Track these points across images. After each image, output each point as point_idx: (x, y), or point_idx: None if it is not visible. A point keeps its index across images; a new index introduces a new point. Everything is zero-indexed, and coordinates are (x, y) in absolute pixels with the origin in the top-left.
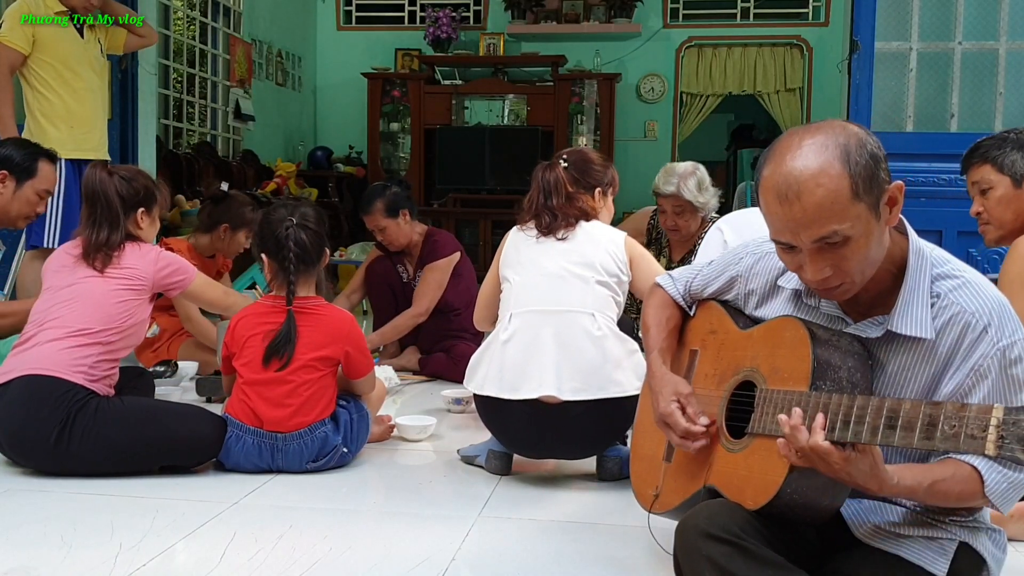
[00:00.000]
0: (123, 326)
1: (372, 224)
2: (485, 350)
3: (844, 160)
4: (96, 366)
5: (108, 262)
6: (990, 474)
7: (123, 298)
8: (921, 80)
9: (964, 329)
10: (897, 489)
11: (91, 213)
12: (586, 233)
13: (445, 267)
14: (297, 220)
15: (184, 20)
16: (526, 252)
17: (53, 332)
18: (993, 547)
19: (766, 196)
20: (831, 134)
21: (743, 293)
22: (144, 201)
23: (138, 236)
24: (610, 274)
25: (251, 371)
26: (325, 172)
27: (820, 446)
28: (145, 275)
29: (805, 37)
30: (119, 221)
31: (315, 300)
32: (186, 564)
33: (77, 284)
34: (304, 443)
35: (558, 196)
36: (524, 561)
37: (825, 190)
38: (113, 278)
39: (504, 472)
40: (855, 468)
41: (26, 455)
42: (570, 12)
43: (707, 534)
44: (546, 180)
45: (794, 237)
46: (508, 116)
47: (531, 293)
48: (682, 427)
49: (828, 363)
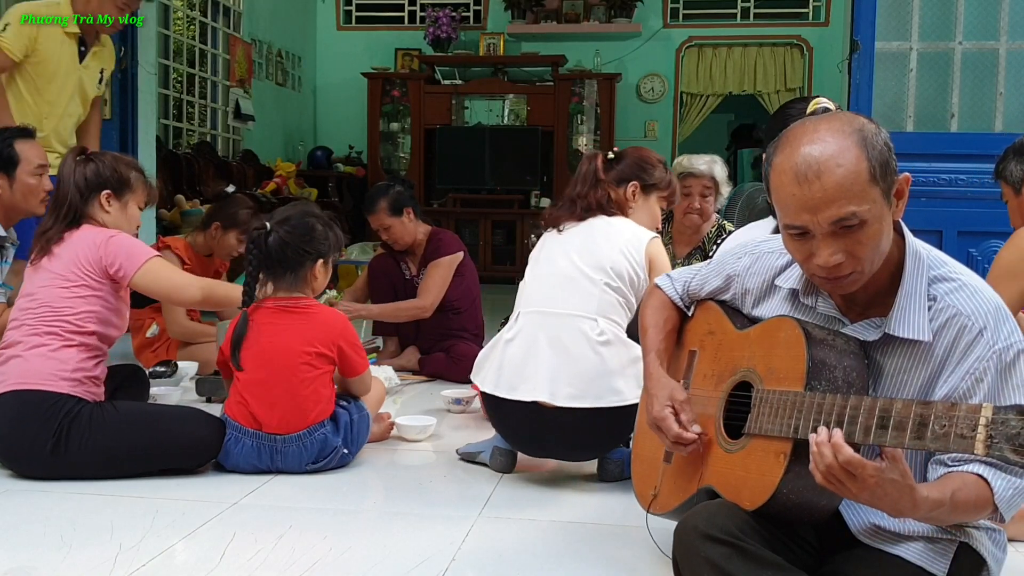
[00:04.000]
0: (87, 324)
1: (376, 223)
2: (492, 347)
3: (862, 144)
4: (78, 368)
5: (46, 252)
6: (996, 480)
7: (79, 294)
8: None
9: (960, 332)
10: (927, 504)
11: (53, 198)
12: (605, 230)
13: (449, 264)
14: (272, 225)
15: (184, 20)
16: (547, 248)
17: (29, 340)
18: (993, 547)
19: (781, 178)
20: (846, 120)
21: (740, 292)
22: (111, 184)
23: (104, 222)
24: (620, 277)
25: (247, 369)
26: (325, 172)
27: (853, 459)
28: (91, 263)
29: (805, 37)
30: (67, 205)
31: (304, 300)
32: (186, 564)
33: (39, 289)
34: (303, 445)
35: (584, 184)
36: (524, 561)
37: (845, 170)
38: (65, 275)
39: (508, 470)
40: (887, 480)
41: (23, 466)
42: (570, 12)
43: (706, 535)
44: (581, 168)
45: (811, 219)
46: (508, 116)
47: (538, 292)
48: (674, 432)
49: (823, 363)
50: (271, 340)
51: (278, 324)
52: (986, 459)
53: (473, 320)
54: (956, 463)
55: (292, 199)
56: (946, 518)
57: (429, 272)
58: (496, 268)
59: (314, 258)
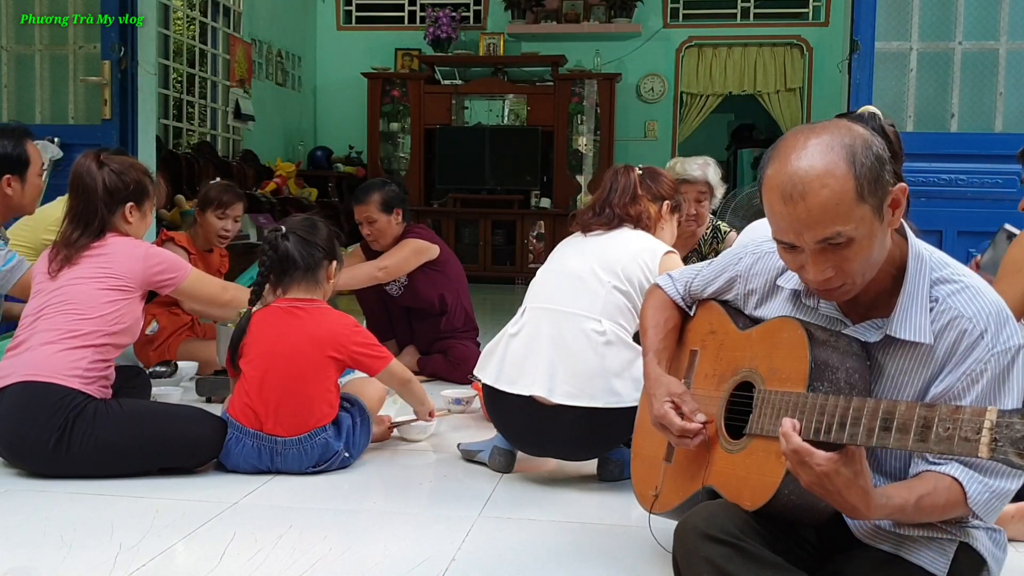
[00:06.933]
0: (114, 327)
1: (364, 214)
2: (497, 341)
3: (850, 161)
4: (91, 368)
5: (69, 261)
6: (971, 484)
7: (112, 298)
8: (921, 80)
9: (961, 334)
10: (887, 508)
11: (73, 206)
12: (624, 237)
13: (418, 245)
14: (286, 229)
15: (184, 20)
16: (564, 247)
17: (45, 336)
18: (993, 547)
19: (770, 195)
20: (837, 134)
21: (743, 293)
22: (134, 195)
23: (127, 232)
24: (630, 281)
25: (252, 369)
26: (325, 172)
27: (801, 447)
28: (132, 273)
29: (805, 37)
30: (96, 217)
31: (315, 302)
32: (186, 564)
33: (66, 286)
34: (304, 449)
35: (624, 195)
36: (524, 561)
37: (830, 191)
38: (100, 278)
39: (507, 469)
40: (839, 474)
41: (25, 460)
42: (570, 12)
43: (706, 535)
44: (616, 181)
45: (797, 237)
46: (508, 116)
47: (546, 289)
48: (678, 426)
49: (826, 364)
50: (278, 341)
51: (286, 325)
52: (965, 459)
53: (462, 317)
54: (936, 461)
55: (292, 199)
56: (909, 521)
57: (401, 243)
58: (496, 268)
59: (329, 258)
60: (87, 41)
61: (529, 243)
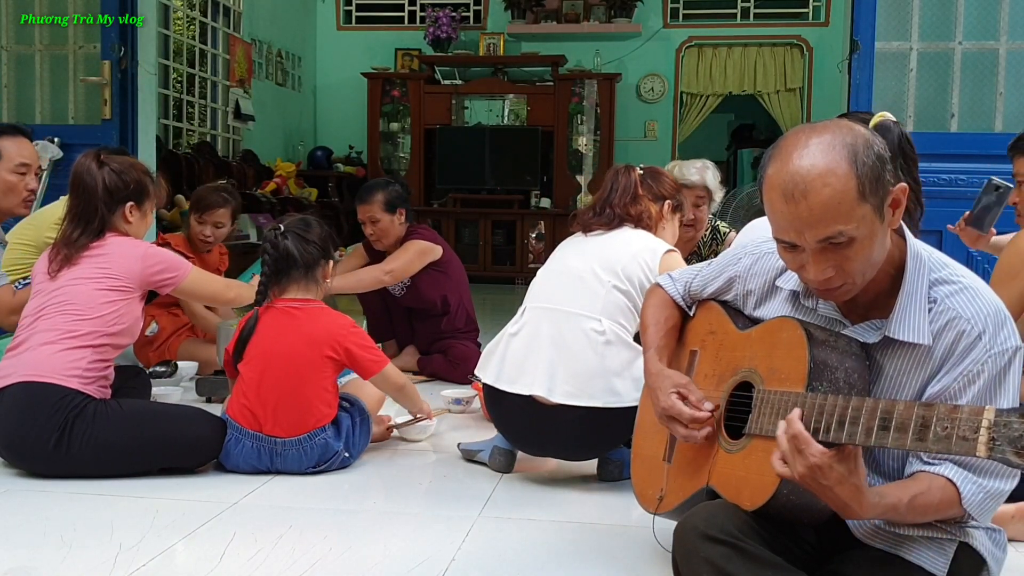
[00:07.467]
0: (112, 328)
1: (367, 214)
2: (498, 341)
3: (851, 160)
4: (90, 368)
5: (69, 261)
6: (965, 485)
7: (110, 299)
8: (921, 80)
9: (959, 335)
10: (880, 507)
11: (73, 206)
12: (624, 237)
13: (422, 247)
14: (284, 228)
15: (184, 20)
16: (565, 247)
17: (45, 336)
18: (993, 547)
19: (771, 194)
20: (838, 134)
21: (742, 293)
22: (134, 195)
23: (127, 232)
24: (630, 281)
25: (249, 370)
26: (325, 172)
27: (801, 434)
28: (131, 274)
29: (805, 37)
30: (96, 217)
31: (312, 302)
32: (186, 564)
33: (65, 287)
34: (303, 449)
35: (624, 195)
36: (524, 561)
37: (832, 190)
38: (99, 279)
39: (507, 469)
40: (832, 469)
41: (25, 460)
42: (570, 12)
43: (705, 535)
44: (617, 181)
45: (798, 237)
46: (508, 116)
47: (546, 288)
48: (687, 415)
49: (825, 364)
50: (275, 341)
51: (284, 326)
52: (959, 460)
53: (464, 318)
54: (931, 461)
55: (292, 199)
56: (903, 521)
57: (405, 245)
58: (496, 268)
59: (325, 257)
60: (87, 41)
61: (529, 243)
